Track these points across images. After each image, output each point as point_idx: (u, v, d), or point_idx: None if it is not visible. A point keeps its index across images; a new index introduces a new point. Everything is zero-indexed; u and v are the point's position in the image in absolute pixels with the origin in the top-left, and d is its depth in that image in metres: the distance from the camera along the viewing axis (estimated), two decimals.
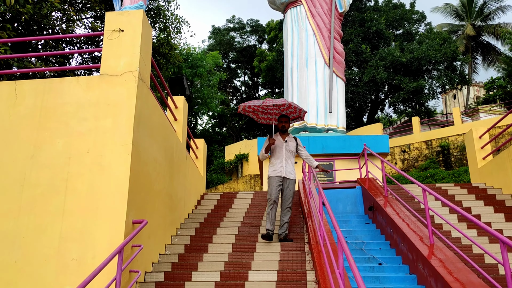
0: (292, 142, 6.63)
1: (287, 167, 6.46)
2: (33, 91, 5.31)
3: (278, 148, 6.52)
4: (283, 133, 6.65)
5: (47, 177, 4.95)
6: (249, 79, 39.47)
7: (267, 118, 6.98)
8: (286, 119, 6.62)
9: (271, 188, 6.39)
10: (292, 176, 6.52)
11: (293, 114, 6.83)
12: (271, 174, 6.48)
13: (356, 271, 2.89)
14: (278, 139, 6.59)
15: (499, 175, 8.84)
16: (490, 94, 31.50)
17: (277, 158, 6.51)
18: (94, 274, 3.56)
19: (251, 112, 6.77)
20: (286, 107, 6.68)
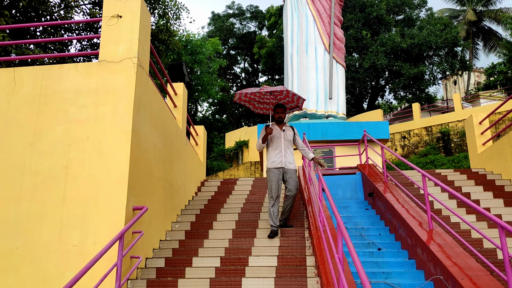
0: (290, 131, 6.41)
1: (286, 157, 6.23)
2: (32, 78, 5.29)
3: (276, 138, 6.30)
4: (280, 123, 6.43)
5: (47, 164, 4.96)
6: (249, 65, 39.29)
7: (263, 108, 6.78)
8: (283, 109, 6.36)
9: (271, 183, 6.15)
10: (292, 166, 6.29)
11: (290, 104, 6.65)
12: (270, 166, 6.24)
13: (355, 256, 2.92)
14: (276, 129, 6.35)
15: (499, 160, 8.85)
16: (491, 80, 31.38)
17: (275, 148, 6.28)
18: (95, 260, 3.59)
19: (247, 102, 6.57)
20: (283, 96, 6.47)
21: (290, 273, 4.94)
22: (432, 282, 4.89)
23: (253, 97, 6.46)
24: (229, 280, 4.77)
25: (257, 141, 6.36)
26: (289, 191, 6.22)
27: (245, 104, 6.58)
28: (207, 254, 5.75)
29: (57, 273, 4.55)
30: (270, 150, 6.34)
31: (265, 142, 6.30)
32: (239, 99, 6.42)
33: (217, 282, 4.77)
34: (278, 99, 6.52)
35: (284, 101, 6.57)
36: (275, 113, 6.36)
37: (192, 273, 5.15)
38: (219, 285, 4.74)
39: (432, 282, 4.89)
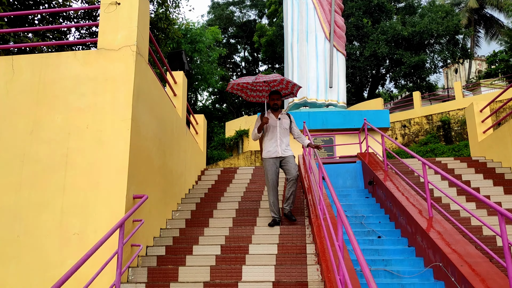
0: (286, 119, 6.22)
1: (281, 146, 6.07)
2: (30, 66, 5.26)
3: (272, 127, 6.12)
4: (275, 111, 6.23)
5: (47, 153, 4.96)
6: (249, 54, 39.07)
7: (256, 96, 6.53)
8: (278, 96, 6.20)
9: (267, 173, 6.07)
10: (289, 153, 6.13)
11: (284, 91, 6.40)
12: (266, 156, 6.10)
13: (355, 243, 2.92)
14: (271, 117, 6.17)
15: (499, 148, 8.84)
16: (492, 68, 31.22)
17: (271, 138, 6.12)
18: (96, 247, 3.60)
19: (240, 90, 6.32)
20: (277, 83, 6.22)
21: (290, 260, 4.96)
22: (432, 269, 4.91)
23: (246, 85, 6.23)
24: (230, 268, 4.79)
25: (253, 130, 6.17)
26: (289, 174, 6.06)
27: (237, 93, 6.35)
28: (208, 242, 5.77)
29: (58, 261, 4.57)
30: (266, 139, 6.18)
31: (260, 131, 6.12)
32: (231, 88, 6.18)
33: (217, 269, 4.79)
34: (272, 86, 6.31)
35: (278, 88, 6.35)
36: (270, 100, 6.20)
37: (192, 261, 5.17)
38: (219, 272, 4.77)
39: (432, 269, 4.91)
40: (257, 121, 6.15)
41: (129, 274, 4.89)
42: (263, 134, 6.24)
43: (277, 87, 6.28)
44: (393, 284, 4.70)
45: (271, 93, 6.20)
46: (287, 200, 6.16)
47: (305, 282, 4.31)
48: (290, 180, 6.05)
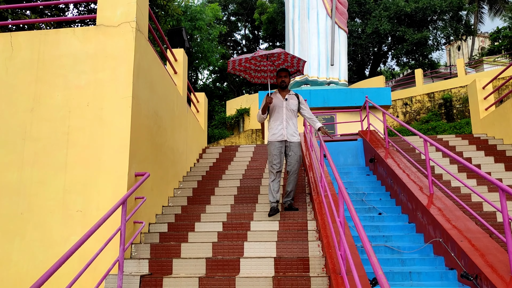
0: (293, 100, 5.79)
1: (288, 129, 5.64)
2: (29, 43, 5.21)
3: (278, 108, 5.70)
4: (283, 90, 5.82)
5: (48, 131, 4.95)
6: (249, 32, 38.63)
7: (261, 76, 6.18)
8: (286, 73, 5.75)
9: (271, 156, 5.64)
10: (295, 139, 5.69)
11: (290, 69, 6.03)
12: (271, 139, 5.68)
13: (357, 218, 2.94)
14: (277, 97, 5.75)
15: (501, 125, 8.81)
16: (495, 45, 30.87)
17: (277, 119, 5.70)
18: (98, 224, 3.63)
19: (243, 71, 5.98)
20: (281, 61, 5.90)
21: (291, 237, 5.00)
22: (431, 244, 4.96)
23: (249, 65, 5.90)
24: (232, 244, 4.84)
25: (258, 112, 5.80)
26: (290, 166, 5.69)
27: (240, 74, 6.00)
28: (210, 219, 5.81)
29: (62, 237, 4.61)
30: (271, 121, 5.78)
31: (265, 112, 5.73)
32: (233, 68, 5.85)
33: (219, 246, 4.84)
34: (276, 65, 5.98)
35: (283, 66, 5.99)
36: (278, 77, 5.79)
37: (195, 238, 5.22)
38: (221, 249, 4.82)
39: (431, 245, 4.96)
40: (263, 101, 5.73)
41: (132, 251, 4.95)
42: (268, 115, 5.88)
43: (282, 65, 5.96)
44: (393, 260, 4.75)
45: (279, 71, 5.82)
46: (287, 194, 5.76)
47: (306, 258, 4.35)
48: (291, 173, 5.69)
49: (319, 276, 3.97)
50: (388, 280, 4.27)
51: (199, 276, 4.17)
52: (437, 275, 4.29)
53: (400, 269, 4.52)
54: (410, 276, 4.32)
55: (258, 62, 5.89)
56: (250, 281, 4.05)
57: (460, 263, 4.14)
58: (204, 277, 4.14)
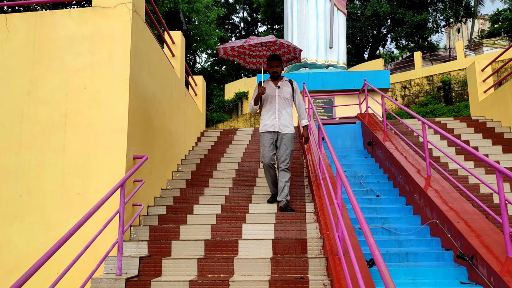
0: (287, 87, 5.36)
1: (280, 119, 5.24)
2: (25, 25, 5.15)
3: (270, 97, 5.30)
4: (276, 79, 5.40)
5: (46, 114, 4.93)
6: (248, 15, 38.23)
7: (256, 62, 5.76)
8: (278, 62, 5.31)
9: (263, 149, 5.26)
10: (288, 130, 5.27)
11: (287, 55, 5.59)
12: (262, 130, 5.29)
13: (354, 200, 2.95)
14: (269, 86, 5.34)
15: (499, 108, 8.81)
16: (495, 27, 30.68)
17: (269, 109, 5.30)
18: (97, 206, 3.64)
19: (237, 56, 5.56)
20: (277, 47, 5.45)
21: (289, 219, 5.03)
22: (428, 226, 5.00)
23: (243, 50, 5.48)
24: (230, 227, 4.87)
25: (250, 102, 5.36)
26: (280, 160, 5.26)
27: (234, 59, 5.58)
28: (208, 202, 5.85)
29: (61, 220, 4.64)
30: (263, 111, 5.38)
31: (257, 103, 5.31)
32: (225, 54, 5.43)
33: (218, 228, 4.87)
34: (273, 50, 5.52)
35: (280, 52, 5.54)
36: (269, 67, 5.35)
37: (193, 220, 5.25)
38: (220, 231, 4.85)
39: (428, 226, 5.00)
40: (255, 90, 5.36)
41: (131, 233, 4.98)
42: (261, 105, 5.45)
43: (279, 50, 5.52)
44: (390, 241, 4.79)
45: (269, 59, 5.34)
46: (281, 192, 5.24)
47: (304, 239, 4.39)
48: (281, 169, 5.27)
49: (316, 257, 4.01)
50: (385, 261, 4.32)
51: (198, 258, 4.20)
52: (433, 256, 4.33)
53: (397, 250, 4.56)
54: (407, 257, 4.37)
55: (252, 47, 5.46)
56: (248, 262, 4.09)
57: (456, 244, 4.18)
58: (203, 259, 4.18)
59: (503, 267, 3.39)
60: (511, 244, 3.58)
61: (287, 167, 5.22)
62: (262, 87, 5.11)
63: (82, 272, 4.23)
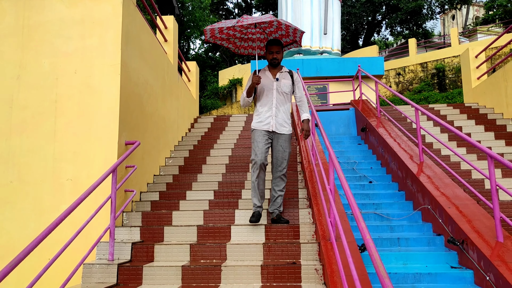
0: (287, 80, 4.60)
1: (277, 117, 4.50)
2: (13, 8, 5.05)
3: (266, 90, 4.53)
4: (274, 67, 4.63)
5: (36, 99, 4.87)
6: (242, 0, 37.91)
7: (248, 46, 4.95)
8: (278, 48, 4.54)
9: (255, 145, 4.47)
10: (285, 130, 4.55)
11: (285, 38, 4.79)
12: (256, 127, 4.54)
13: (346, 185, 2.95)
14: (266, 77, 4.57)
15: (492, 94, 8.83)
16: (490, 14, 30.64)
17: (265, 104, 4.53)
18: (89, 191, 3.61)
19: (225, 40, 4.76)
20: (274, 29, 4.68)
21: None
22: (420, 212, 5.03)
23: (233, 32, 4.68)
24: (223, 212, 4.87)
25: (242, 94, 4.55)
26: (276, 164, 4.57)
27: (222, 43, 4.78)
28: (201, 188, 5.84)
29: (52, 206, 4.61)
30: (258, 105, 4.61)
31: (251, 95, 4.50)
32: (212, 36, 4.63)
33: (210, 214, 4.87)
34: (268, 33, 4.74)
35: (276, 35, 4.75)
36: (268, 53, 4.58)
37: (186, 206, 5.25)
38: (212, 216, 4.85)
39: (420, 212, 5.03)
40: (248, 80, 4.58)
41: (124, 219, 4.97)
42: (255, 98, 4.69)
43: (275, 33, 4.74)
44: (382, 226, 4.82)
45: (269, 43, 4.56)
46: (274, 201, 4.58)
47: (296, 225, 4.40)
48: (276, 175, 4.57)
49: (309, 243, 4.02)
50: (377, 246, 4.34)
51: (190, 243, 4.21)
52: (424, 240, 4.36)
53: (389, 235, 4.59)
54: (399, 242, 4.39)
55: (244, 29, 4.71)
56: (241, 248, 4.10)
57: (447, 229, 4.21)
58: (195, 244, 4.18)
59: (493, 251, 3.42)
60: (501, 228, 3.61)
61: (284, 173, 4.55)
62: (256, 76, 4.34)
63: (74, 257, 4.23)
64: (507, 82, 8.18)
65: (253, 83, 4.34)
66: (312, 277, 3.63)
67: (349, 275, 2.97)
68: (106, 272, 3.90)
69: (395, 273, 3.70)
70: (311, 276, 3.63)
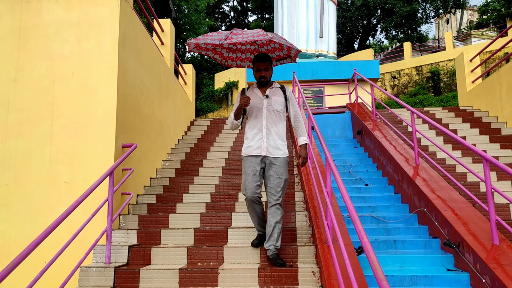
0: (278, 96, 3.98)
1: (269, 139, 3.87)
2: (10, 11, 5.04)
3: (256, 110, 3.93)
4: (263, 86, 4.02)
5: (32, 101, 4.85)
6: (238, 4, 37.94)
7: (236, 58, 4.31)
8: (266, 64, 3.90)
9: (244, 177, 3.87)
10: (280, 153, 3.89)
11: (278, 52, 4.16)
12: (245, 153, 3.94)
13: (343, 188, 2.96)
14: (255, 95, 3.98)
15: (487, 98, 8.89)
16: (484, 18, 30.85)
17: (254, 125, 3.93)
18: (86, 194, 3.61)
19: (211, 50, 4.13)
20: (267, 41, 4.05)
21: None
22: (416, 214, 5.05)
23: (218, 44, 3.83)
24: (220, 215, 4.87)
25: (229, 116, 4.07)
26: (269, 194, 3.84)
27: (207, 54, 4.18)
28: (198, 191, 5.84)
29: (49, 208, 4.59)
30: (247, 127, 4.01)
31: (239, 117, 3.94)
32: (197, 47, 4.01)
33: (207, 216, 4.87)
34: (260, 44, 4.15)
35: (269, 47, 4.14)
36: (256, 70, 3.95)
37: (183, 209, 5.25)
38: (209, 219, 4.85)
39: (416, 215, 5.05)
40: (236, 101, 4.04)
41: (121, 222, 4.96)
42: (244, 119, 4.08)
43: (267, 45, 4.13)
44: (378, 229, 4.84)
45: (256, 59, 3.93)
46: (270, 236, 3.84)
47: (293, 227, 4.41)
48: (271, 205, 3.83)
49: (306, 245, 4.03)
50: (374, 248, 4.35)
51: (187, 246, 4.20)
52: (420, 243, 4.38)
53: (385, 238, 4.61)
54: (395, 244, 4.41)
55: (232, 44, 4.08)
56: (238, 251, 4.10)
57: (443, 231, 4.23)
58: (192, 247, 4.18)
59: (489, 254, 3.44)
60: (496, 231, 3.63)
61: (279, 202, 3.84)
62: (245, 97, 3.76)
63: (71, 260, 4.21)
64: (502, 85, 8.25)
65: (241, 104, 3.77)
66: (309, 280, 3.63)
67: (346, 277, 2.98)
68: (103, 276, 3.88)
69: (392, 275, 3.72)
70: (308, 279, 3.64)
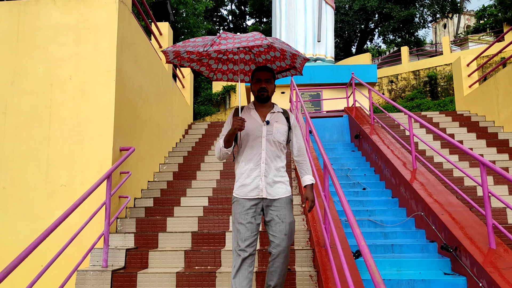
0: (280, 124, 3.08)
1: (268, 177, 2.99)
2: (8, 14, 5.04)
3: (252, 138, 3.02)
4: (263, 105, 3.12)
5: (30, 104, 4.85)
6: (236, 8, 38.05)
7: (227, 70, 3.43)
8: (269, 75, 3.04)
9: (238, 228, 2.92)
10: (281, 192, 3.03)
11: (279, 62, 3.30)
12: (238, 194, 3.01)
13: (341, 192, 2.96)
14: (252, 118, 3.07)
15: (484, 102, 8.92)
16: (481, 23, 31.03)
17: (249, 158, 3.01)
18: (83, 197, 3.60)
19: (196, 62, 3.26)
20: (265, 48, 3.21)
21: None
22: (413, 218, 5.06)
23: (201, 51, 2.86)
24: (217, 219, 4.86)
25: (217, 142, 3.19)
26: (274, 244, 2.93)
27: (191, 66, 3.27)
28: (195, 194, 5.83)
29: (46, 212, 4.58)
30: (241, 160, 3.07)
31: (230, 145, 2.96)
32: (177, 57, 3.12)
33: (205, 220, 4.86)
34: (256, 52, 3.30)
35: (268, 56, 3.29)
36: (255, 82, 3.07)
37: (180, 212, 5.24)
38: (207, 223, 4.85)
39: (413, 219, 5.06)
40: (226, 124, 3.17)
41: (118, 225, 4.95)
42: (236, 148, 3.16)
43: (266, 54, 3.28)
44: (376, 233, 4.84)
45: (257, 70, 3.08)
46: None
47: None
48: (276, 255, 2.94)
49: (303, 249, 4.03)
50: (371, 252, 4.35)
51: (185, 250, 4.20)
52: (418, 247, 4.39)
53: (383, 242, 4.61)
54: (392, 248, 4.41)
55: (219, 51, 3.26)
56: None
57: (440, 235, 4.24)
58: (190, 251, 4.18)
59: (486, 258, 3.45)
60: (493, 235, 3.64)
61: (286, 252, 2.96)
62: (239, 119, 2.82)
63: (68, 264, 4.20)
64: (498, 90, 8.29)
65: (234, 128, 2.82)
66: (307, 283, 3.63)
67: (343, 281, 2.98)
68: (100, 279, 3.87)
69: (389, 279, 3.72)
70: (306, 282, 3.64)
